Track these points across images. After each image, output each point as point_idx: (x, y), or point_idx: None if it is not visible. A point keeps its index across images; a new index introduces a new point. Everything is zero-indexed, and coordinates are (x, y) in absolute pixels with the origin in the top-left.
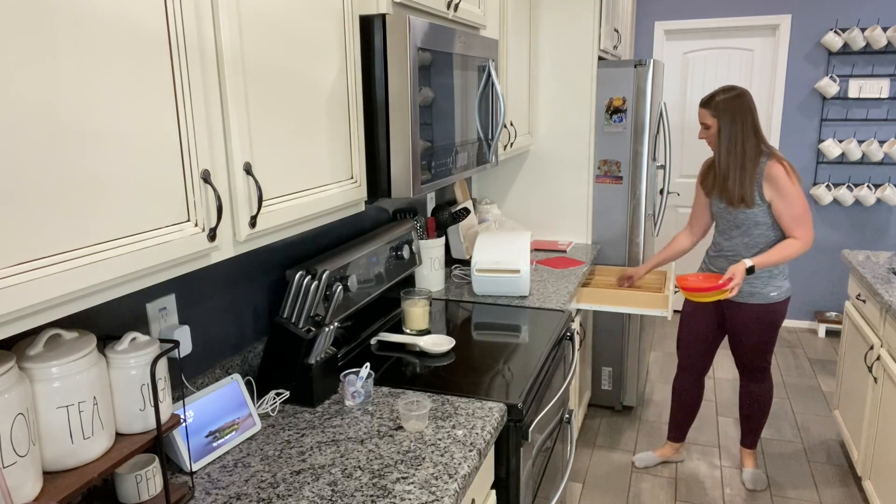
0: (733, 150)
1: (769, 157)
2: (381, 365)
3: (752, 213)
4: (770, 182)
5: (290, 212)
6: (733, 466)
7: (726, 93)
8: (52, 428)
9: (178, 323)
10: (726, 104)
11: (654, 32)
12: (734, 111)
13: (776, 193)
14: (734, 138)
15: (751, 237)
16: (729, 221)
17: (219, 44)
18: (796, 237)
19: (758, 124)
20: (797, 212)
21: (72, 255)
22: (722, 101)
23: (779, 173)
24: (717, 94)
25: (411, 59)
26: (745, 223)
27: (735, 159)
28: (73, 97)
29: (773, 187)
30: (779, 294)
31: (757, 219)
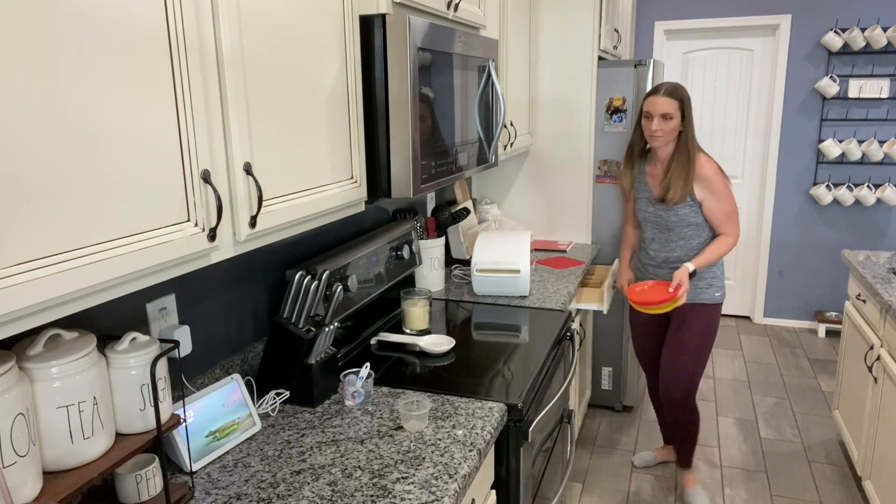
0: (691, 147)
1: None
2: (381, 365)
3: (683, 213)
4: (702, 182)
5: (290, 212)
6: (733, 466)
7: (683, 87)
8: (52, 428)
9: (178, 323)
10: (688, 97)
11: (654, 32)
12: (691, 107)
13: (709, 193)
14: (692, 135)
15: (685, 239)
16: (659, 225)
17: (219, 44)
18: (727, 233)
19: None
20: (728, 208)
21: (72, 255)
22: (685, 94)
23: (710, 173)
24: (677, 86)
25: (411, 59)
26: (677, 225)
27: (689, 156)
28: (73, 97)
29: (705, 187)
30: (721, 294)
31: (689, 219)
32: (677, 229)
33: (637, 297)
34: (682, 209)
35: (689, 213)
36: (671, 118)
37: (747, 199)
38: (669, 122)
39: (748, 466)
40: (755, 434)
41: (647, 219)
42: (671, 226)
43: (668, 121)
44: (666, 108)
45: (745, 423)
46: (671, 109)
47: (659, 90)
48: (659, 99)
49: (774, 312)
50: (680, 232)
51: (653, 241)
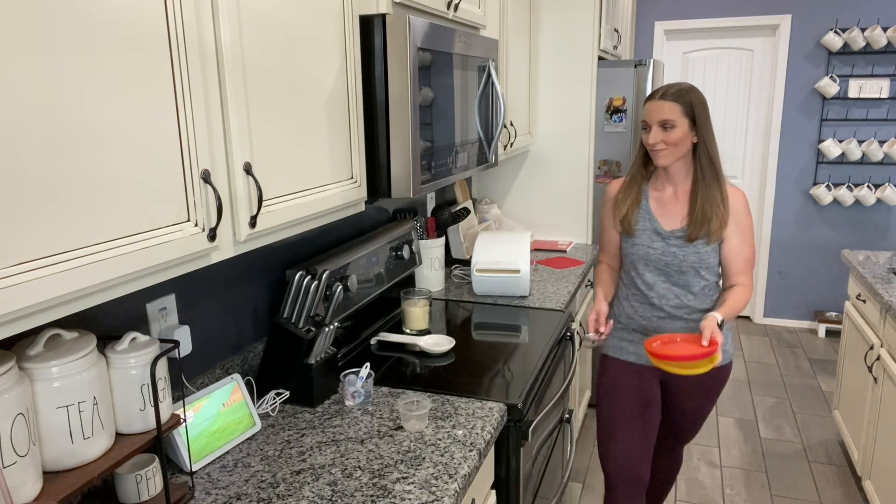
0: (717, 163)
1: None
2: (381, 365)
3: (704, 252)
4: (734, 214)
5: (290, 212)
6: (733, 466)
7: (692, 87)
8: (52, 428)
9: (178, 323)
10: (701, 99)
11: (654, 32)
12: (707, 111)
13: (736, 230)
14: (713, 146)
15: (701, 284)
16: (670, 266)
17: (219, 44)
18: (743, 284)
19: None
20: (752, 252)
21: (72, 255)
22: (697, 96)
23: (741, 204)
24: (685, 87)
25: (411, 59)
26: (694, 266)
27: (717, 176)
28: (73, 97)
29: (734, 222)
30: (732, 351)
31: (708, 260)
32: (693, 271)
33: (666, 351)
34: (703, 246)
35: (709, 251)
36: (674, 127)
37: (747, 198)
38: (672, 131)
39: (748, 466)
40: (755, 434)
41: (648, 257)
42: (686, 267)
43: (670, 130)
44: (665, 113)
45: (745, 423)
46: (673, 115)
47: (657, 93)
48: (655, 103)
49: (774, 312)
50: (697, 275)
51: (655, 286)
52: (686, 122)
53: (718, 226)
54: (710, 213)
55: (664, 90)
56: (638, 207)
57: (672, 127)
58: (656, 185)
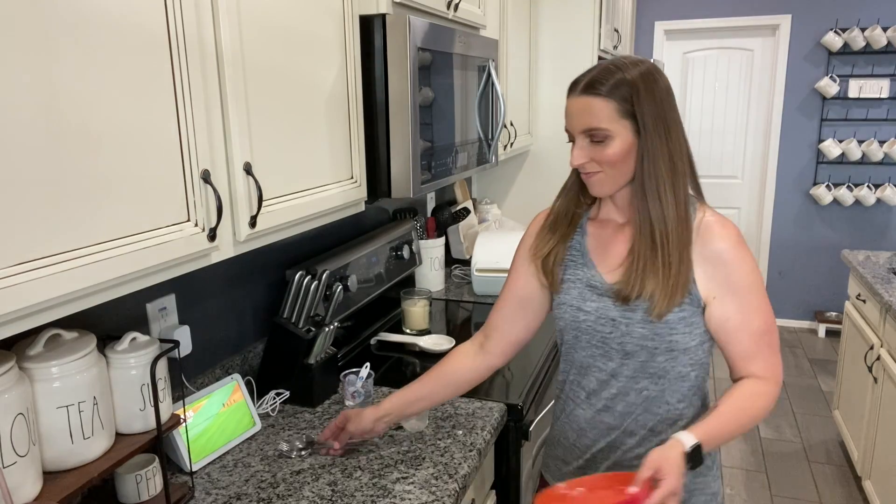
0: (664, 192)
1: (694, 202)
2: (381, 365)
3: (670, 322)
4: (711, 261)
5: (290, 212)
6: (733, 466)
7: (637, 66)
8: (52, 428)
9: (178, 323)
10: (651, 83)
11: (654, 32)
12: (664, 101)
13: (728, 288)
14: (679, 159)
15: (667, 378)
16: (609, 343)
17: (219, 44)
18: (760, 375)
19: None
20: (763, 321)
21: (72, 254)
22: (643, 78)
23: (730, 246)
24: (620, 64)
25: (411, 59)
26: (654, 349)
27: (668, 211)
28: (73, 97)
29: (719, 272)
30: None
31: (686, 341)
32: (647, 352)
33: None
34: (677, 319)
35: (683, 325)
36: (608, 138)
37: (747, 199)
38: (605, 146)
39: (748, 466)
40: (755, 434)
41: (578, 327)
42: (630, 349)
43: (603, 144)
44: (589, 117)
45: None
46: (603, 120)
47: (578, 81)
48: (574, 101)
49: (774, 312)
50: (670, 364)
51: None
52: (628, 126)
53: (666, 292)
54: (650, 273)
55: (587, 78)
56: (567, 246)
57: (606, 138)
58: (595, 217)
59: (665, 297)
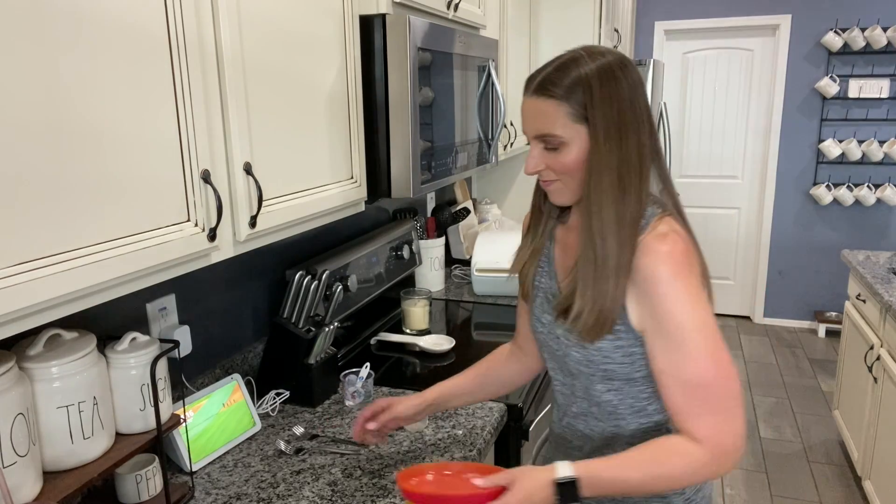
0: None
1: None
2: (381, 365)
3: (604, 349)
4: (641, 284)
5: (290, 212)
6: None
7: (597, 59)
8: (52, 428)
9: (178, 323)
10: (606, 91)
11: (654, 32)
12: (622, 109)
13: (651, 315)
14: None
15: (617, 412)
16: (558, 358)
17: (219, 44)
18: (694, 435)
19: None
20: (696, 372)
21: (72, 254)
22: (598, 84)
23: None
24: (577, 57)
25: (411, 59)
26: (591, 375)
27: (607, 230)
28: (73, 97)
29: (644, 297)
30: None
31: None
32: (586, 377)
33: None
34: (612, 347)
35: (620, 355)
36: (562, 145)
37: (747, 199)
38: (556, 155)
39: (748, 466)
40: (755, 434)
41: (539, 340)
42: (573, 367)
43: (554, 153)
44: (542, 122)
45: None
46: (553, 126)
47: (530, 82)
48: (527, 102)
49: (774, 312)
50: (616, 396)
51: (554, 383)
52: (583, 131)
53: (592, 315)
54: (581, 290)
55: (542, 76)
56: (539, 255)
57: (560, 146)
58: (564, 224)
59: (591, 319)
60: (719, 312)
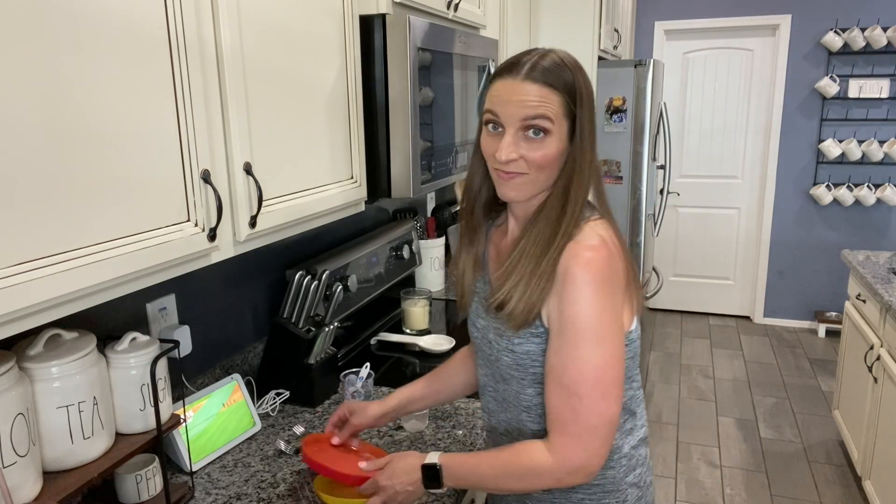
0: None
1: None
2: (381, 365)
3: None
4: (558, 283)
5: (290, 212)
6: (733, 466)
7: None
8: (52, 428)
9: (178, 323)
10: (590, 94)
11: (654, 32)
12: (592, 106)
13: (557, 312)
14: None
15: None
16: (490, 361)
17: (219, 44)
18: (553, 442)
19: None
20: (576, 378)
21: (72, 254)
22: (585, 87)
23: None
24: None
25: (411, 59)
26: (516, 373)
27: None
28: (73, 97)
29: (556, 294)
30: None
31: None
32: (517, 382)
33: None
34: (525, 340)
35: (537, 349)
36: (547, 134)
37: (747, 199)
38: (543, 143)
39: (748, 466)
40: (755, 434)
41: (475, 344)
42: (504, 372)
43: (535, 142)
44: (536, 106)
45: (745, 423)
46: (549, 110)
47: (518, 65)
48: (516, 84)
49: (774, 312)
50: (523, 389)
51: (485, 390)
52: (565, 127)
53: (524, 304)
54: (516, 276)
55: (531, 61)
56: (479, 264)
57: (545, 134)
58: (499, 225)
59: (520, 307)
60: (719, 312)
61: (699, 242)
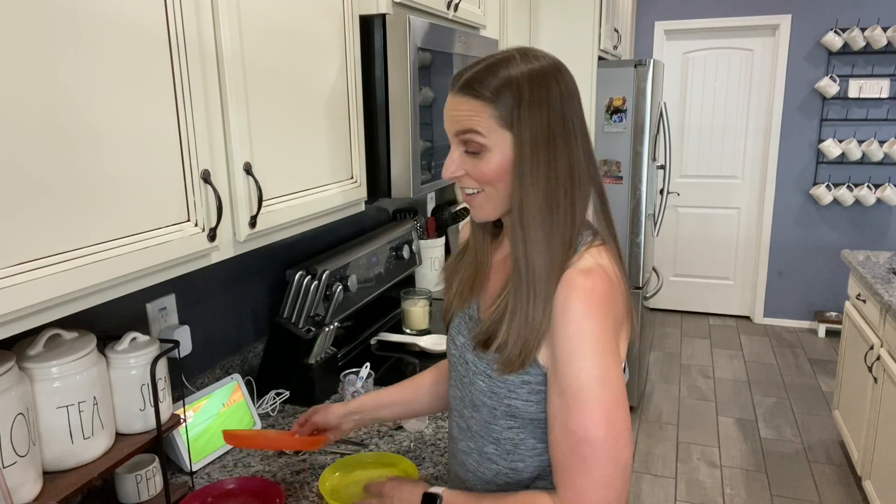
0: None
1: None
2: (381, 365)
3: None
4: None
5: (290, 212)
6: (733, 466)
7: (530, 62)
8: (52, 428)
9: (178, 323)
10: (537, 97)
11: (654, 32)
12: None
13: (553, 353)
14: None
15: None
16: (464, 385)
17: (219, 44)
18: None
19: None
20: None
21: (72, 254)
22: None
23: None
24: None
25: (411, 59)
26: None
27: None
28: (73, 98)
29: (550, 347)
30: None
31: (520, 403)
32: (489, 410)
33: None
34: (519, 382)
35: (526, 391)
36: (484, 150)
37: (747, 199)
38: (477, 161)
39: (748, 466)
40: (755, 434)
41: (450, 363)
42: (476, 398)
43: (475, 158)
44: (463, 121)
45: (745, 423)
46: (476, 128)
47: (457, 77)
48: (451, 99)
49: (774, 312)
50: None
51: (452, 413)
52: (508, 139)
53: (518, 347)
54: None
55: (470, 73)
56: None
57: (482, 150)
58: (498, 243)
59: (516, 351)
60: (719, 312)
61: (699, 242)
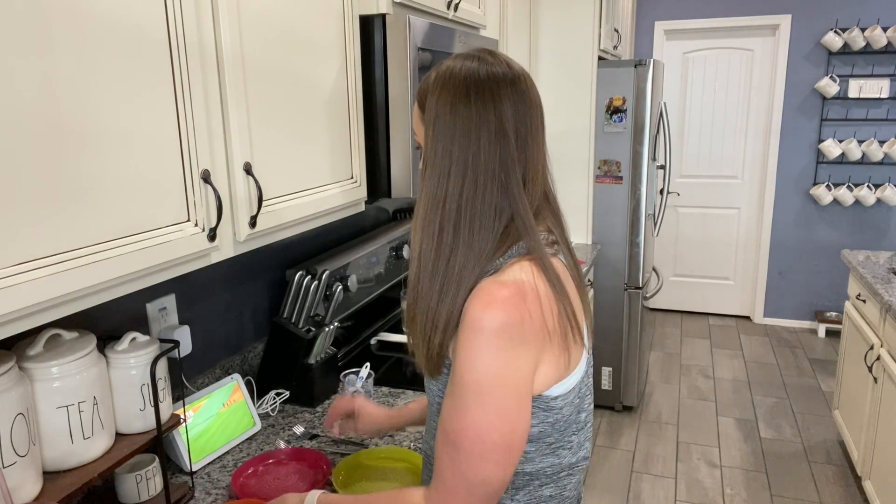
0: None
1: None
2: (381, 365)
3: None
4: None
5: (290, 212)
6: (733, 466)
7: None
8: (52, 428)
9: (178, 323)
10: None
11: (654, 32)
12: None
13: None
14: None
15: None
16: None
17: (219, 44)
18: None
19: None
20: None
21: (72, 254)
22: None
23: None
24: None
25: (411, 59)
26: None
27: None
28: (73, 97)
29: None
30: None
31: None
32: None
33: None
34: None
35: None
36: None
37: (747, 199)
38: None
39: (748, 466)
40: (755, 434)
41: None
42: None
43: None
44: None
45: (745, 423)
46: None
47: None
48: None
49: (774, 312)
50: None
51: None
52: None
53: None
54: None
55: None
56: None
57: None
58: None
59: (421, 358)
60: (719, 312)
61: (699, 242)
